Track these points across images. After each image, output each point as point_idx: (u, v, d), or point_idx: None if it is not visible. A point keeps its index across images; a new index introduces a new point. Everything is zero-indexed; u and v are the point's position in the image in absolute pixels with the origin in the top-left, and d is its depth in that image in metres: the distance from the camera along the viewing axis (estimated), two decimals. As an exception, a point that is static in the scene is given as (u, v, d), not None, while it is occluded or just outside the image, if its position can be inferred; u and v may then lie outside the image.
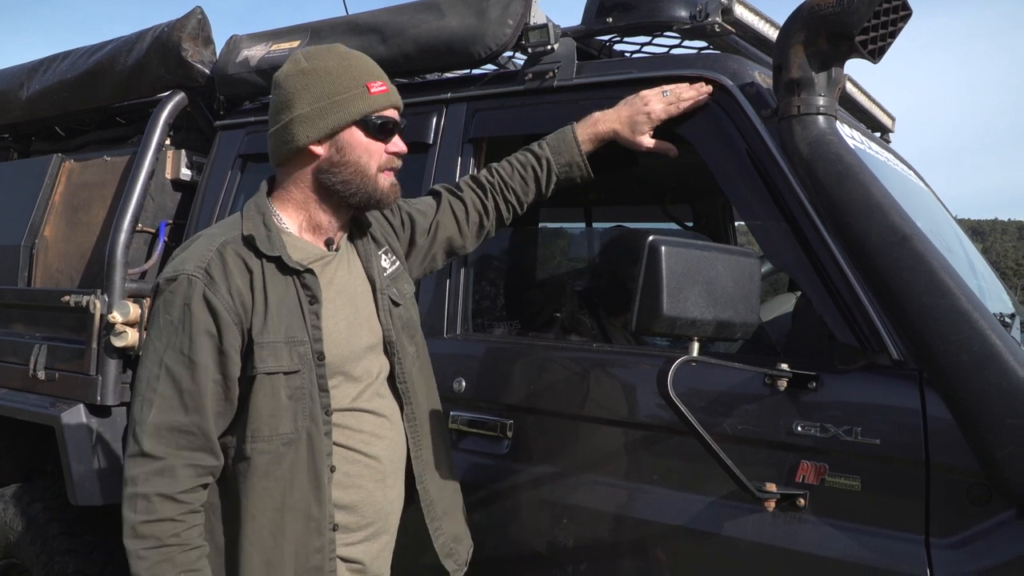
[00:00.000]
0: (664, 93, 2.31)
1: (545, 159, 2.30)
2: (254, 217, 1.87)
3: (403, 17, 2.76)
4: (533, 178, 2.30)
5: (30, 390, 3.23)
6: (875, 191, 1.93)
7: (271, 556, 1.78)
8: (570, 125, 2.34)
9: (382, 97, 1.90)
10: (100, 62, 3.49)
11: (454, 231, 2.25)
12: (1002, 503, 1.77)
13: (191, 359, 1.72)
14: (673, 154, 2.38)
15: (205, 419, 1.72)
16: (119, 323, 2.93)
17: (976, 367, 1.74)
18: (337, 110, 1.86)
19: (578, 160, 2.32)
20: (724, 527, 2.02)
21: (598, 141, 2.34)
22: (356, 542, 1.90)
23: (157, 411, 1.71)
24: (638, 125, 2.31)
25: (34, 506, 3.21)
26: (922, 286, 1.81)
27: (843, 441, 1.91)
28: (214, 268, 1.76)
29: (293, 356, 1.79)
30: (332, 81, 1.87)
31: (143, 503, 1.68)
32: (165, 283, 1.77)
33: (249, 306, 1.78)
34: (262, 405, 1.78)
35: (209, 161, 3.23)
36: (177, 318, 1.74)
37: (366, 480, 1.90)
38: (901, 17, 1.97)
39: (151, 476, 1.68)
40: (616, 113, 2.33)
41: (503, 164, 2.32)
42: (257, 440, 1.78)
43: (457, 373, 2.45)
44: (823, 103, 2.02)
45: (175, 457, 1.70)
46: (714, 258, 1.85)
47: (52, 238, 3.54)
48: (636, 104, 2.32)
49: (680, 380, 1.81)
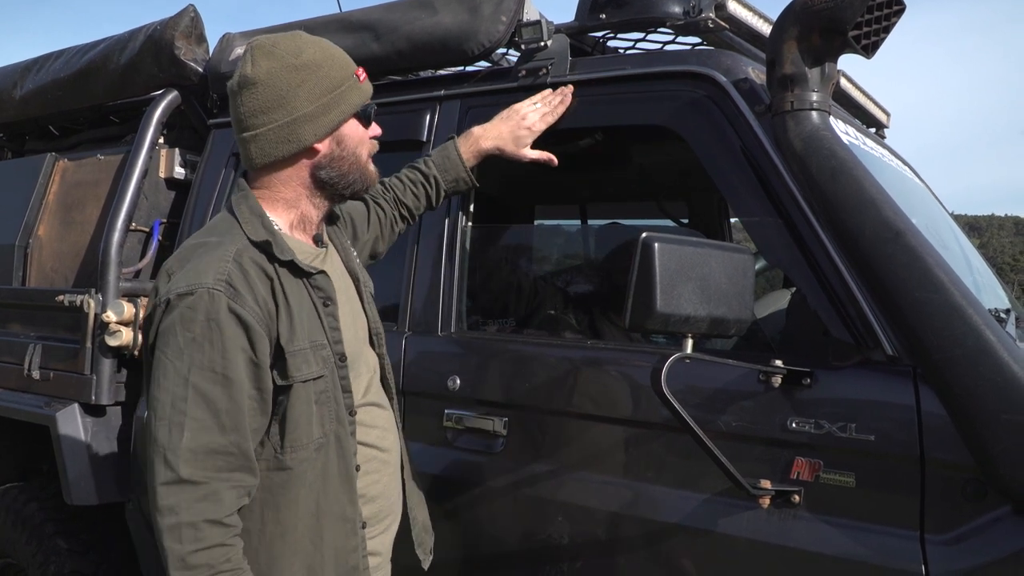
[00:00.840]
0: (536, 105, 2.46)
1: (433, 176, 2.42)
2: (252, 220, 1.78)
3: (396, 14, 2.75)
4: (424, 194, 2.42)
5: (25, 390, 3.22)
6: (869, 187, 1.93)
7: (312, 562, 1.75)
8: (452, 141, 2.47)
9: (367, 84, 1.90)
10: (93, 61, 3.48)
11: (379, 235, 2.32)
12: (997, 499, 1.77)
13: (225, 376, 1.62)
14: (553, 164, 2.52)
15: (244, 437, 1.64)
16: (113, 322, 2.92)
17: (970, 362, 1.74)
18: (339, 104, 1.82)
19: (463, 176, 2.45)
20: (719, 524, 2.02)
21: (482, 156, 2.47)
22: (377, 535, 1.92)
23: (192, 434, 1.59)
24: (521, 139, 2.46)
25: (29, 506, 3.21)
26: (916, 282, 1.81)
27: (838, 437, 1.91)
28: (236, 279, 1.66)
29: (318, 361, 1.75)
30: (327, 74, 1.80)
31: (190, 532, 1.57)
32: (177, 299, 1.64)
33: (274, 314, 1.71)
34: (299, 414, 1.72)
35: (203, 160, 3.22)
36: (200, 334, 1.62)
37: (383, 474, 1.92)
38: (894, 12, 1.97)
39: (194, 503, 1.58)
40: (496, 130, 2.46)
41: (394, 181, 2.40)
42: (297, 449, 1.73)
43: (451, 371, 2.45)
44: (817, 99, 2.02)
45: (217, 481, 1.60)
46: (708, 254, 1.85)
47: (46, 237, 3.54)
48: (514, 120, 2.46)
49: (674, 377, 1.80)
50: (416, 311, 2.58)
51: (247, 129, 1.80)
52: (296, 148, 1.79)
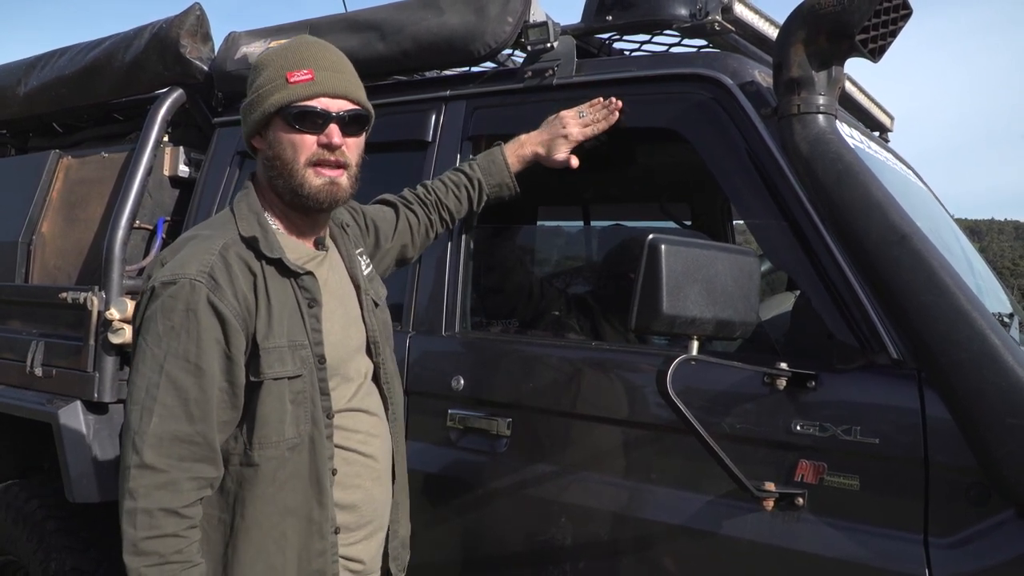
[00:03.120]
0: (580, 115, 2.43)
1: (477, 180, 2.42)
2: (248, 217, 1.82)
3: (403, 14, 2.76)
4: (466, 197, 2.43)
5: (27, 387, 3.22)
6: (874, 190, 1.93)
7: (274, 561, 1.76)
8: (499, 146, 2.48)
9: (302, 86, 1.78)
10: (98, 58, 3.48)
11: (408, 241, 2.32)
12: (1001, 503, 1.77)
13: (198, 366, 1.66)
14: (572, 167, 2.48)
15: (210, 428, 1.67)
16: (116, 320, 2.92)
17: (975, 366, 1.74)
18: (261, 103, 1.81)
19: (508, 181, 2.45)
20: (723, 526, 2.02)
21: (525, 162, 2.48)
22: (358, 541, 1.90)
23: (159, 420, 1.63)
24: (556, 147, 2.44)
25: (31, 503, 3.20)
26: (921, 285, 1.81)
27: (842, 440, 1.91)
28: (218, 272, 1.70)
29: (296, 360, 1.76)
30: (260, 73, 1.83)
31: (145, 518, 1.61)
32: (162, 287, 1.69)
33: (253, 310, 1.73)
34: (270, 411, 1.74)
35: (207, 158, 3.23)
36: (179, 323, 1.66)
37: (364, 479, 1.90)
38: (901, 16, 1.97)
39: (153, 489, 1.62)
40: (539, 136, 2.46)
41: (437, 184, 2.40)
42: (265, 447, 1.74)
43: (455, 371, 2.45)
44: (823, 102, 2.02)
45: (178, 469, 1.63)
46: (714, 257, 1.85)
47: (49, 234, 3.54)
48: (555, 127, 2.45)
49: (679, 379, 1.81)
50: (420, 311, 2.58)
51: None
52: (244, 142, 1.89)
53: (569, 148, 2.43)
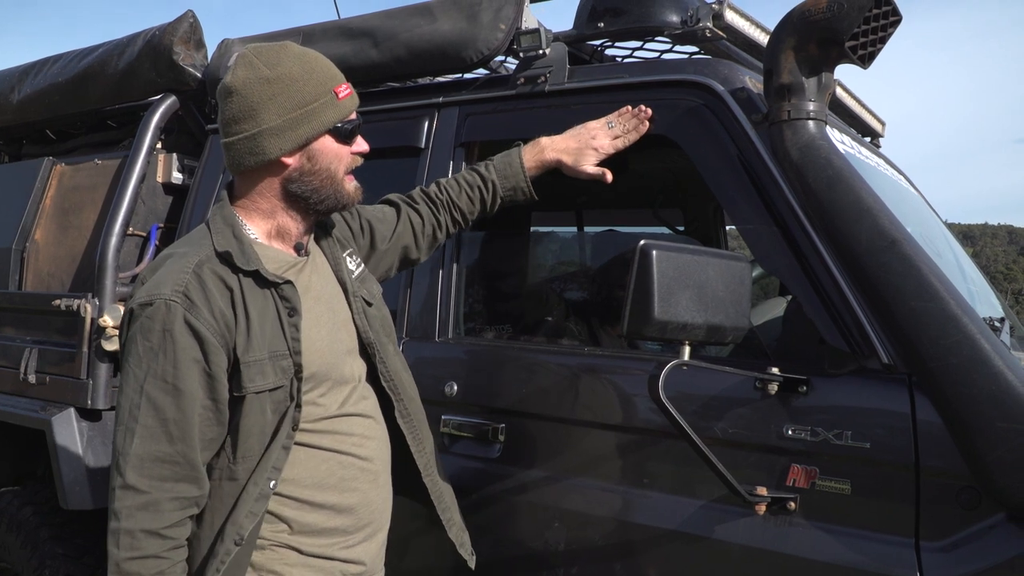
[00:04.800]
0: (609, 125, 2.35)
1: (491, 181, 2.31)
2: (223, 231, 1.80)
3: (395, 21, 2.76)
4: (479, 198, 2.32)
5: (21, 394, 3.22)
6: (865, 196, 1.94)
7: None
8: (517, 148, 2.36)
9: (349, 101, 1.85)
10: (91, 65, 3.49)
11: (411, 242, 2.26)
12: (992, 506, 1.78)
13: (175, 386, 1.66)
14: (607, 181, 2.38)
15: (191, 448, 1.67)
16: (110, 326, 2.92)
17: (965, 371, 1.75)
18: (310, 120, 1.79)
19: (523, 186, 2.33)
20: (715, 531, 2.02)
21: (543, 168, 2.36)
22: (357, 543, 1.91)
23: (140, 441, 1.65)
24: (584, 157, 2.35)
25: (24, 510, 3.20)
26: (911, 290, 1.82)
27: (833, 445, 1.92)
28: (193, 290, 1.69)
29: (277, 371, 1.76)
30: (300, 89, 1.79)
31: (127, 539, 1.63)
32: (139, 308, 1.69)
33: (232, 325, 1.72)
34: (252, 424, 1.74)
35: (201, 165, 3.23)
36: (157, 344, 1.67)
37: (361, 482, 1.90)
38: (891, 23, 1.97)
39: (135, 511, 1.64)
40: (564, 143, 2.36)
41: (450, 182, 2.33)
42: (248, 459, 1.75)
43: (449, 377, 2.46)
44: (813, 108, 2.03)
45: (159, 490, 1.65)
46: (705, 262, 1.86)
47: (43, 242, 3.54)
48: (583, 136, 2.35)
49: (671, 384, 1.81)
50: (414, 317, 2.59)
51: (224, 136, 1.85)
52: (261, 160, 1.80)
53: (598, 160, 2.35)
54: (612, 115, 2.36)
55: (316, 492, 1.83)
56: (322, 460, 1.84)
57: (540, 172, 2.37)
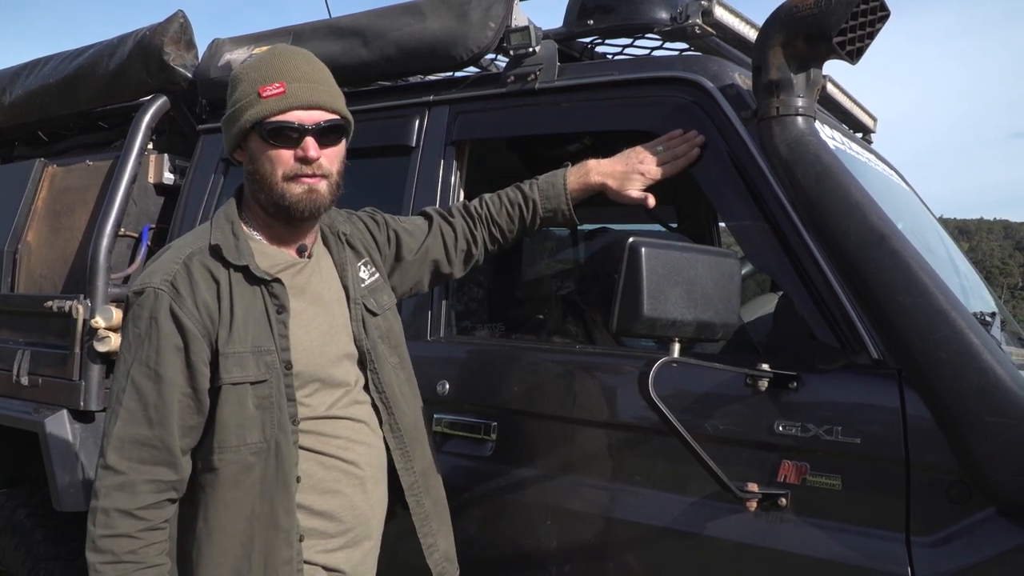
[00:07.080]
0: (658, 150, 2.29)
1: (532, 200, 2.26)
2: (223, 226, 1.86)
3: (385, 20, 2.76)
4: (519, 217, 2.28)
5: (13, 396, 3.22)
6: (854, 191, 1.94)
7: (240, 566, 1.77)
8: (564, 168, 2.32)
9: (273, 101, 1.78)
10: (82, 66, 3.48)
11: (442, 256, 2.22)
12: (982, 501, 1.78)
13: (157, 373, 1.71)
14: (649, 207, 2.34)
15: (169, 433, 1.71)
16: (102, 328, 2.92)
17: (955, 365, 1.76)
18: (236, 119, 1.82)
19: (564, 209, 2.29)
20: (706, 527, 2.03)
21: (587, 190, 2.32)
22: (335, 548, 1.88)
23: (122, 423, 1.71)
24: (631, 182, 2.30)
25: (18, 512, 3.20)
26: (900, 285, 1.82)
27: (824, 440, 1.92)
28: (179, 281, 1.76)
29: (260, 366, 1.77)
30: (236, 88, 1.84)
31: (102, 517, 1.68)
32: (133, 296, 1.77)
33: (216, 317, 1.76)
34: (228, 416, 1.76)
35: (192, 165, 3.23)
36: (144, 331, 1.73)
37: (344, 485, 1.88)
38: (879, 18, 1.98)
39: (112, 490, 1.69)
40: (611, 166, 2.31)
41: (492, 198, 2.28)
42: (224, 451, 1.76)
43: (441, 376, 2.45)
44: (802, 104, 2.03)
45: (135, 472, 1.69)
46: (694, 259, 1.86)
47: (35, 243, 3.53)
48: (631, 161, 2.30)
49: (661, 381, 1.81)
50: (405, 316, 2.58)
51: None
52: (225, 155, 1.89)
53: (644, 185, 2.30)
54: (661, 139, 2.30)
55: None
56: (302, 459, 1.83)
57: (584, 195, 2.32)
